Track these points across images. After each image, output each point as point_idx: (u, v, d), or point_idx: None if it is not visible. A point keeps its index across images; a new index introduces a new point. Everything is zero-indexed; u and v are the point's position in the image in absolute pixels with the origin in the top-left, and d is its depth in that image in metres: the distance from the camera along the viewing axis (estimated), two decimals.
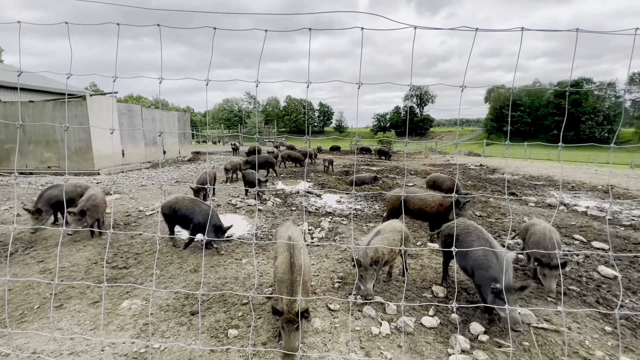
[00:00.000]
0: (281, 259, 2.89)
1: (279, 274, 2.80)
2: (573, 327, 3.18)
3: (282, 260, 2.87)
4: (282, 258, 2.89)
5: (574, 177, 13.33)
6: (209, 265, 4.54)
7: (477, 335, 3.02)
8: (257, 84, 1.47)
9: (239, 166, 11.90)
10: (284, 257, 2.88)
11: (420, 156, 25.52)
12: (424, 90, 78.60)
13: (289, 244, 2.96)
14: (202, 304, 3.52)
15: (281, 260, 2.87)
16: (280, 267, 2.83)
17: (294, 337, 2.46)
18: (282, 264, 2.83)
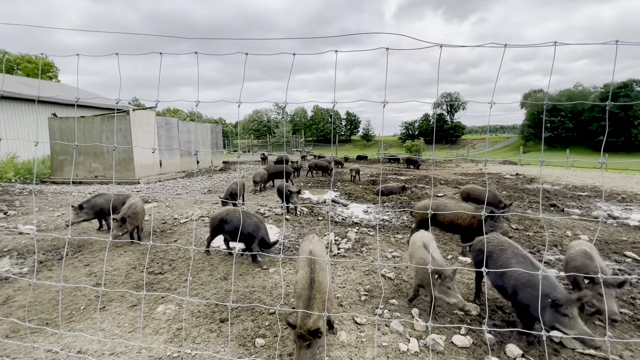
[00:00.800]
0: (301, 273, 2.87)
1: (298, 288, 2.78)
2: (625, 355, 2.89)
3: (302, 275, 2.84)
4: (302, 273, 2.87)
5: (624, 188, 12.23)
6: (238, 274, 4.67)
7: (515, 358, 2.84)
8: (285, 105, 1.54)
9: (266, 176, 12.21)
10: (304, 272, 2.86)
11: (451, 165, 24.67)
12: (455, 96, 76.41)
13: (309, 259, 2.93)
14: (231, 312, 3.62)
15: (301, 275, 2.85)
16: (300, 282, 2.80)
17: (303, 355, 2.39)
18: (302, 279, 2.80)
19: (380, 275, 4.58)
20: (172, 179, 15.39)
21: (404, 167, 21.96)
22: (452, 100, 75.22)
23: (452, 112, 77.96)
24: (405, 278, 4.48)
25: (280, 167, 12.95)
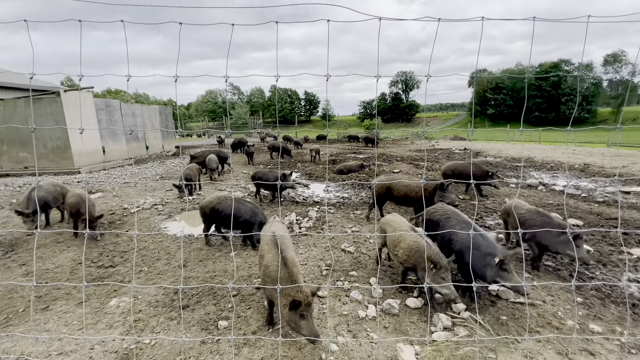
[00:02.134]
0: (270, 256, 2.85)
1: (271, 271, 2.74)
2: (547, 300, 3.37)
3: (272, 258, 2.83)
4: (271, 255, 2.85)
5: (553, 157, 13.76)
6: (198, 260, 4.55)
7: (459, 312, 3.16)
8: (226, 79, 1.47)
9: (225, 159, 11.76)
10: (273, 254, 2.84)
11: (407, 142, 25.76)
12: (409, 75, 78.60)
13: (275, 242, 2.92)
14: (191, 298, 3.55)
15: (271, 258, 2.83)
16: (272, 264, 2.78)
17: (312, 320, 2.51)
18: (274, 261, 2.79)
19: (341, 249, 4.75)
20: (118, 166, 14.22)
21: (362, 145, 22.47)
22: (407, 72, 77.30)
23: (407, 91, 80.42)
24: (364, 251, 4.70)
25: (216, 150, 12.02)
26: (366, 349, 2.72)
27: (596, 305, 3.28)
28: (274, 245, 2.92)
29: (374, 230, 5.45)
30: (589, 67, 54.02)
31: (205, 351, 2.71)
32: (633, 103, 63.02)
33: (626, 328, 2.89)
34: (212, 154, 10.75)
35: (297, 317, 2.45)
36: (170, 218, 6.58)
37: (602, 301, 3.34)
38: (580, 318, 3.07)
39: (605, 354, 2.59)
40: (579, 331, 2.86)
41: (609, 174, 9.84)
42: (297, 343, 2.80)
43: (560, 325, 2.95)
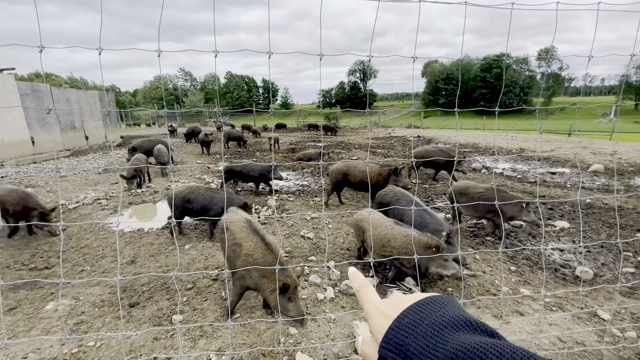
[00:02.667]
0: (251, 244, 2.74)
1: (257, 258, 2.63)
2: (487, 271, 3.72)
3: (253, 245, 2.72)
4: (252, 243, 2.74)
5: (494, 144, 15.02)
6: (149, 255, 4.29)
7: (410, 288, 3.37)
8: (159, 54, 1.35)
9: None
10: (255, 242, 2.74)
11: (365, 130, 26.38)
12: (367, 65, 79.92)
13: (254, 228, 2.84)
14: (142, 295, 3.35)
15: (253, 246, 2.72)
16: (256, 251, 2.68)
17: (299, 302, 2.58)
18: (257, 248, 2.70)
19: (300, 236, 4.79)
20: (51, 159, 12.75)
21: (322, 134, 22.57)
22: (364, 61, 78.56)
23: (365, 80, 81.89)
24: (323, 236, 4.78)
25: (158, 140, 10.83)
26: (324, 329, 2.80)
27: (526, 272, 3.70)
28: (252, 232, 2.83)
29: (333, 215, 5.56)
30: (525, 61, 59.19)
31: (159, 347, 2.60)
32: (561, 94, 70.66)
33: (549, 290, 3.30)
34: (160, 145, 10.05)
35: (285, 300, 2.50)
36: (117, 213, 6.09)
37: (531, 268, 3.77)
38: (512, 284, 3.44)
39: (532, 313, 2.95)
40: (510, 293, 3.22)
41: (540, 157, 11.01)
42: (255, 330, 2.80)
43: (496, 292, 3.28)
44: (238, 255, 2.73)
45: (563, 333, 2.68)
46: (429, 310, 0.43)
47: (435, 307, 0.43)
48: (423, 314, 0.42)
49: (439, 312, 0.42)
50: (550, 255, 4.08)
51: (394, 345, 0.41)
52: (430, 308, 0.43)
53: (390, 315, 0.45)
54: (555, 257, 4.03)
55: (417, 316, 0.43)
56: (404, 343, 0.41)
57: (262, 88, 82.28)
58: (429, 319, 0.41)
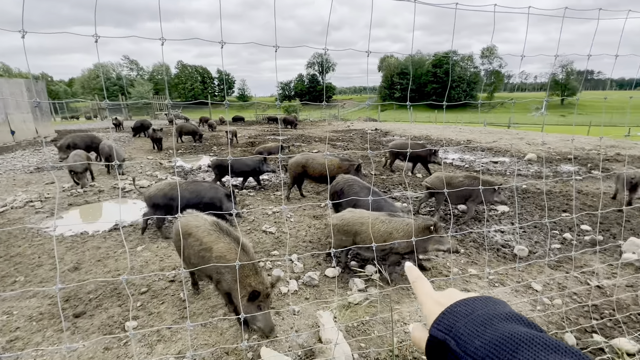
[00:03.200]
0: (223, 245, 2.56)
1: (230, 260, 2.44)
2: (440, 254, 4.00)
3: (226, 247, 2.56)
4: (224, 244, 2.57)
5: (445, 136, 16.03)
6: (95, 260, 3.95)
7: (370, 275, 3.51)
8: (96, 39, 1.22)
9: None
10: (226, 243, 2.58)
11: (324, 123, 26.57)
12: (325, 58, 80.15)
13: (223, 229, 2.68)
14: (88, 303, 3.09)
15: (225, 247, 2.56)
16: (229, 253, 2.51)
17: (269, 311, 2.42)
18: (231, 250, 2.53)
19: (262, 231, 4.73)
20: None
21: (282, 127, 22.31)
22: (323, 54, 78.74)
23: (323, 74, 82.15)
24: (285, 230, 4.77)
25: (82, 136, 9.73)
26: (289, 322, 2.82)
27: (473, 253, 4.04)
28: (222, 233, 2.64)
29: (295, 209, 5.56)
30: (470, 58, 63.55)
31: (110, 357, 2.43)
32: (501, 90, 77.16)
33: (492, 268, 3.64)
34: (107, 141, 9.19)
35: (254, 307, 2.34)
36: (54, 216, 5.50)
37: (477, 250, 4.13)
38: (461, 265, 3.74)
39: (479, 290, 3.24)
40: (461, 275, 3.50)
41: (484, 147, 11.99)
42: (218, 329, 2.73)
43: (448, 273, 3.55)
44: (208, 260, 2.51)
45: None
46: (482, 304, 0.47)
47: (488, 302, 0.48)
48: (475, 306, 0.47)
49: (490, 307, 0.46)
50: (493, 237, 4.50)
51: (445, 327, 0.46)
52: (483, 302, 0.48)
53: (444, 303, 0.50)
54: (497, 238, 4.45)
55: (469, 307, 0.47)
56: (454, 326, 0.45)
57: (218, 79, 78.80)
58: (481, 310, 0.46)
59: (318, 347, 2.39)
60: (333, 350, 2.24)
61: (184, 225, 2.75)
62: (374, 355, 2.42)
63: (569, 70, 58.00)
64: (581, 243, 4.23)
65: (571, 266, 3.63)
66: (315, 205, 5.81)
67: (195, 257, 2.64)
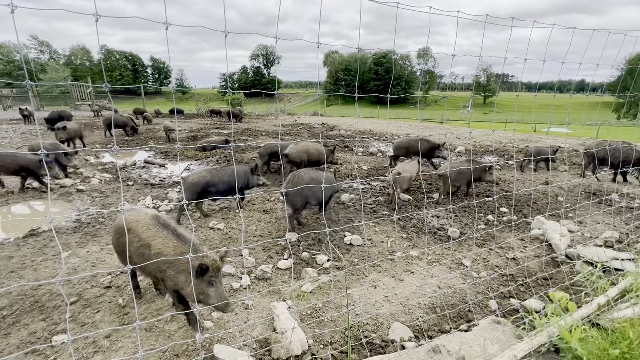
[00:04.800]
0: (160, 240, 2.41)
1: (169, 253, 2.32)
2: (385, 241, 4.28)
3: (164, 241, 2.41)
4: (161, 239, 2.41)
5: (388, 130, 16.98)
6: (7, 271, 3.40)
7: (322, 264, 3.62)
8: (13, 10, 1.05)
9: None
10: (164, 236, 2.43)
11: (271, 117, 26.17)
12: (270, 50, 78.50)
13: (163, 223, 2.52)
14: (2, 320, 2.66)
15: (162, 241, 2.41)
16: (167, 246, 2.37)
17: (223, 288, 2.32)
18: (168, 243, 2.40)
19: (209, 227, 4.54)
20: None
21: (225, 121, 21.41)
22: (268, 46, 77.07)
23: (269, 66, 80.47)
24: (234, 226, 4.64)
25: None
26: (242, 317, 2.78)
27: (414, 237, 4.40)
28: (161, 227, 2.47)
29: (244, 204, 5.41)
30: (407, 58, 67.86)
31: None
32: (434, 89, 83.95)
33: (430, 249, 4.02)
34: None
35: (204, 284, 2.23)
36: None
37: (417, 234, 4.51)
38: (404, 248, 4.06)
39: (419, 270, 3.56)
40: (404, 258, 3.80)
41: None
42: (165, 332, 2.58)
43: (392, 256, 3.83)
44: (148, 257, 2.36)
45: (440, 281, 3.33)
46: None
47: None
48: None
49: None
50: (431, 222, 4.95)
51: None
52: None
53: None
54: (434, 223, 4.91)
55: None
56: None
57: (152, 68, 72.18)
58: None
59: (273, 337, 2.41)
60: (290, 338, 2.29)
61: (125, 220, 2.50)
62: (328, 339, 2.52)
63: (489, 73, 65.51)
64: (501, 223, 4.88)
65: (493, 243, 4.18)
66: (265, 199, 5.75)
67: (136, 255, 2.44)
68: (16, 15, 1.03)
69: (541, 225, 4.42)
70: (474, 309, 2.89)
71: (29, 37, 61.71)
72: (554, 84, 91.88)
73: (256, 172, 5.14)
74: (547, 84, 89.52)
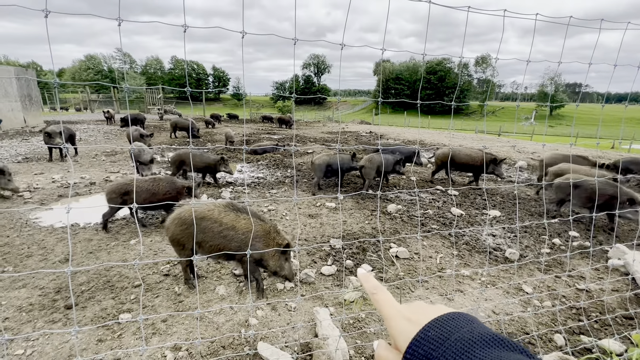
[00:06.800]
0: (245, 222, 2.89)
1: (257, 231, 2.86)
2: (434, 255, 4.06)
3: (247, 222, 2.88)
4: (245, 221, 2.89)
5: (438, 140, 16.25)
6: (87, 252, 3.88)
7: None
8: (120, 23, 1.22)
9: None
10: (246, 218, 2.90)
11: (319, 124, 26.63)
12: (321, 59, 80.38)
13: (242, 209, 3.01)
14: (81, 295, 3.04)
15: (246, 223, 2.88)
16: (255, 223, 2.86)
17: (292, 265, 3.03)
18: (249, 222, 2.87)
19: None
20: None
21: (276, 126, 22.27)
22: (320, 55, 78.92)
23: (319, 75, 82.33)
24: (280, 228, 4.77)
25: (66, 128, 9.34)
26: (285, 318, 2.82)
27: (466, 255, 4.11)
28: (239, 211, 2.96)
29: (290, 208, 5.56)
30: (465, 66, 64.54)
31: (104, 348, 2.39)
32: (493, 99, 78.60)
33: (485, 270, 3.72)
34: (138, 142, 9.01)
35: (283, 260, 2.88)
36: (42, 207, 5.38)
37: (470, 252, 4.21)
38: (455, 267, 3.81)
39: (471, 291, 3.30)
40: (455, 276, 3.56)
41: None
42: (214, 323, 2.72)
43: (442, 274, 3.61)
44: (232, 238, 2.84)
45: (496, 306, 3.05)
46: (456, 325, 0.41)
47: (463, 322, 0.42)
48: (450, 328, 0.41)
49: (466, 328, 0.41)
50: (485, 240, 4.59)
51: (420, 357, 0.40)
52: (457, 322, 0.42)
53: (415, 321, 0.44)
54: (489, 242, 4.54)
55: (444, 329, 0.41)
56: (431, 357, 0.39)
57: (213, 76, 78.17)
58: (457, 334, 0.40)
59: (315, 342, 2.41)
60: (336, 344, 2.26)
61: (200, 210, 2.96)
62: (370, 352, 2.45)
63: (557, 82, 59.48)
64: (570, 249, 4.35)
65: (560, 270, 3.73)
66: (311, 204, 5.83)
67: (218, 237, 2.85)
68: (102, 32, 1.18)
69: (622, 255, 3.85)
70: (536, 341, 2.59)
71: (115, 50, 70.94)
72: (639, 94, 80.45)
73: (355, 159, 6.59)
74: (631, 95, 78.88)
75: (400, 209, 5.68)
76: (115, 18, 1.09)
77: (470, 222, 5.24)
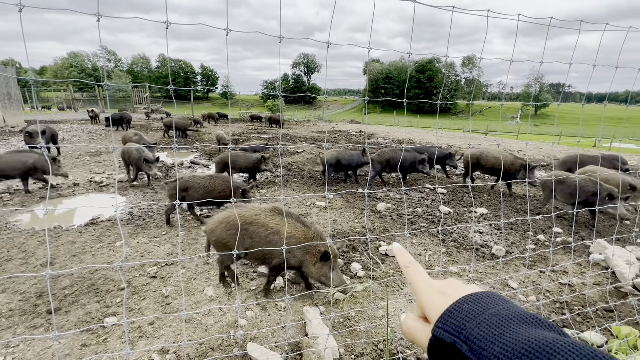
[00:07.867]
0: (290, 227, 2.83)
1: (300, 238, 2.79)
2: (422, 253, 4.11)
3: (291, 227, 2.83)
4: (291, 226, 2.83)
5: (426, 139, 16.45)
6: (70, 255, 3.78)
7: (356, 272, 3.56)
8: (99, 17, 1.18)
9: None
10: (292, 224, 2.85)
11: (309, 124, 26.61)
12: (311, 59, 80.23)
13: (286, 212, 2.94)
14: (64, 299, 2.95)
15: (292, 227, 2.83)
16: (297, 231, 2.82)
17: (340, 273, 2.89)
18: (296, 229, 2.82)
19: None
20: None
21: (266, 126, 22.15)
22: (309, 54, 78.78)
23: (309, 74, 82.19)
24: None
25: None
26: (275, 317, 2.81)
27: (454, 252, 4.17)
28: (284, 216, 2.88)
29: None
30: (452, 66, 65.47)
31: (89, 353, 2.33)
32: (480, 99, 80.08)
33: (472, 266, 3.78)
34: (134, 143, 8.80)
35: (327, 269, 2.74)
36: (23, 209, 5.21)
37: (458, 249, 4.27)
38: (443, 264, 3.86)
39: None
40: (443, 273, 3.61)
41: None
42: (202, 325, 2.68)
43: (430, 271, 3.65)
44: (276, 242, 2.76)
45: None
46: (492, 302, 0.42)
47: (499, 300, 0.42)
48: (485, 304, 0.41)
49: (501, 305, 0.41)
50: (473, 237, 4.66)
51: (453, 328, 0.40)
52: (494, 300, 0.42)
53: (448, 295, 0.45)
54: (476, 239, 4.62)
55: (479, 304, 0.41)
56: (464, 327, 0.39)
57: (201, 75, 77.15)
58: (492, 310, 0.40)
59: (305, 341, 2.40)
60: (323, 345, 2.26)
61: (245, 213, 2.92)
62: (359, 349, 2.46)
63: (541, 82, 61.00)
64: (553, 244, 4.46)
65: (544, 265, 3.83)
66: (301, 204, 5.81)
67: (262, 241, 2.79)
68: (87, 28, 1.15)
69: (603, 250, 3.97)
70: None
71: (99, 48, 69.18)
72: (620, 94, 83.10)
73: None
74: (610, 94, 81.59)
75: (390, 207, 5.73)
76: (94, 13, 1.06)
77: (458, 220, 5.32)
